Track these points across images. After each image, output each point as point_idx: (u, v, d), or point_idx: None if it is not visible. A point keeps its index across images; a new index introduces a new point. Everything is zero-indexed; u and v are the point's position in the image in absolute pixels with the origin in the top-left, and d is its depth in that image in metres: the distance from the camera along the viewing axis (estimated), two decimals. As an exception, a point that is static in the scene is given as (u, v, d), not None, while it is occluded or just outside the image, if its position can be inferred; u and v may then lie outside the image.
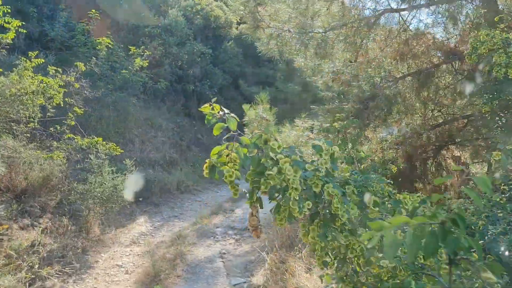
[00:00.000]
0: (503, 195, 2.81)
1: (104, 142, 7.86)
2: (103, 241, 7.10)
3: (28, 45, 10.62)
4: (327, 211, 1.57)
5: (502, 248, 2.24)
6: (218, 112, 1.58)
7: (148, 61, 12.40)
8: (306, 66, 6.46)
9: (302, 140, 6.83)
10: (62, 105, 7.64)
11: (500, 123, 4.45)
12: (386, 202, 1.74)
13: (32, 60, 7.22)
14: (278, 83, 16.37)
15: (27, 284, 5.30)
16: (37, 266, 5.61)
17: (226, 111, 1.59)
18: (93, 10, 12.12)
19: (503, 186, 2.91)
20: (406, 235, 1.10)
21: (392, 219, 1.11)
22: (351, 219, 1.53)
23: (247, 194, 1.85)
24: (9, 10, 7.00)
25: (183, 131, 14.27)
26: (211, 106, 1.60)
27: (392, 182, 2.06)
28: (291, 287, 5.28)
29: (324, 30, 5.88)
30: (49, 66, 7.56)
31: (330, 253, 1.70)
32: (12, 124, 7.29)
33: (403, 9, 6.45)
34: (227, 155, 1.62)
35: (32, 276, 5.47)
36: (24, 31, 7.59)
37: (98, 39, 11.54)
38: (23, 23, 7.46)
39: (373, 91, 6.42)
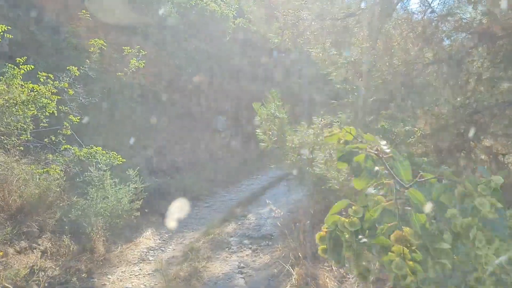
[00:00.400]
0: None
1: (104, 151, 7.25)
2: (109, 260, 6.50)
3: (16, 51, 9.97)
4: None
5: None
6: (357, 140, 0.92)
7: (144, 61, 11.74)
8: (324, 57, 5.84)
9: (321, 139, 6.25)
10: (56, 114, 7.02)
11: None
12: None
13: (20, 66, 6.59)
14: (279, 77, 15.75)
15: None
16: (38, 297, 5.02)
17: (383, 143, 0.93)
18: (84, 11, 11.46)
19: None
20: None
21: None
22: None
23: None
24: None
25: (184, 133, 13.64)
26: (345, 131, 0.94)
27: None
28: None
29: (344, 16, 5.28)
30: (39, 73, 6.92)
31: None
32: (3, 137, 6.67)
33: (427, -11, 5.86)
34: (389, 229, 0.94)
35: (33, 309, 4.89)
36: (10, 36, 6.96)
37: (91, 41, 10.88)
38: (9, 27, 6.85)
39: (398, 81, 5.83)
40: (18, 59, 6.76)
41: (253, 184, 11.91)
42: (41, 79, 6.87)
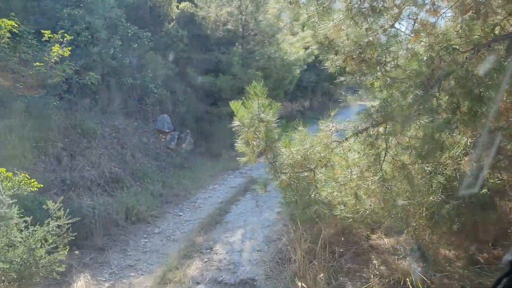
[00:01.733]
0: None
1: (10, 174, 4.95)
2: None
3: None
4: None
5: None
6: None
7: (70, 48, 9.32)
8: (349, 35, 3.99)
9: (332, 149, 4.43)
10: None
11: None
12: None
13: None
14: (235, 69, 13.77)
15: None
16: None
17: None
18: (-13, -17, 8.85)
19: None
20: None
21: None
22: None
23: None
24: None
25: (124, 137, 11.29)
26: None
27: None
28: None
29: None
30: None
31: None
32: None
33: None
34: None
35: None
36: None
37: (-4, 21, 8.33)
38: None
39: (445, 68, 4.12)
40: None
41: (211, 197, 9.87)
42: None
